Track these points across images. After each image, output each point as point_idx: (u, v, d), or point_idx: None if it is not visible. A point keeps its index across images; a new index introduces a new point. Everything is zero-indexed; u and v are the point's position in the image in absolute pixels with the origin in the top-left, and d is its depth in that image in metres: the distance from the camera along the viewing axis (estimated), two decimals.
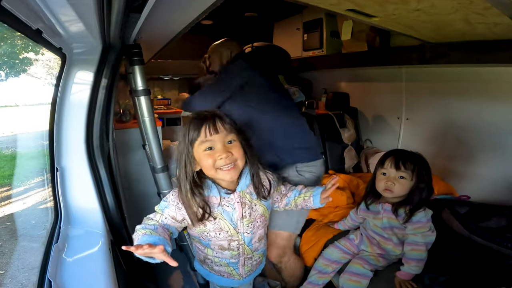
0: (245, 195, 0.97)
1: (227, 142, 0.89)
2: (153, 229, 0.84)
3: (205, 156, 0.88)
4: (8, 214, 1.60)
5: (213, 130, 0.87)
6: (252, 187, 0.98)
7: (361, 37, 2.09)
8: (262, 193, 0.98)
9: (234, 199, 0.95)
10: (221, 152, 0.87)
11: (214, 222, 0.94)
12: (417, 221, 1.13)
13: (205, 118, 0.89)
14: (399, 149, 1.23)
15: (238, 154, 0.90)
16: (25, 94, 1.66)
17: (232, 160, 0.88)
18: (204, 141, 0.87)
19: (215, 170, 0.88)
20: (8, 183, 1.69)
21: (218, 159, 0.87)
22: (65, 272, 0.80)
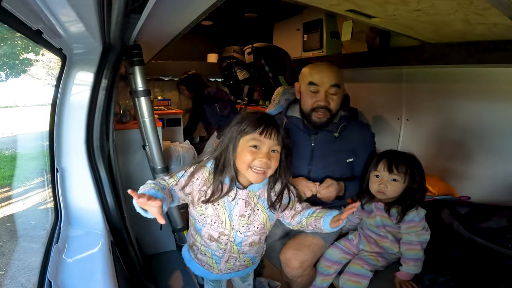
0: (253, 195, 0.99)
1: (271, 150, 0.93)
2: (162, 187, 0.89)
3: (248, 151, 0.91)
4: (8, 215, 1.60)
5: (269, 134, 0.91)
6: (265, 192, 1.00)
7: (361, 38, 2.10)
8: (275, 204, 1.00)
9: (241, 195, 0.97)
10: (264, 156, 0.91)
11: (216, 208, 0.97)
12: (410, 220, 1.15)
13: (268, 121, 0.93)
14: (392, 151, 1.24)
15: (274, 165, 0.94)
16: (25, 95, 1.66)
17: (267, 166, 0.92)
18: (257, 139, 0.91)
19: (247, 167, 0.92)
20: (8, 184, 1.69)
21: (258, 160, 0.91)
22: (65, 273, 0.80)
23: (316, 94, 1.26)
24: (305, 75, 1.30)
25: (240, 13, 2.81)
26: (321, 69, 1.27)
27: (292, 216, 1.08)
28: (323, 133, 1.33)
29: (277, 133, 0.93)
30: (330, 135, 1.32)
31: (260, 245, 1.09)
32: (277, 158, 0.95)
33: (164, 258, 1.87)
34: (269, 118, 0.96)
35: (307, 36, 2.64)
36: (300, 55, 2.77)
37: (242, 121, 0.94)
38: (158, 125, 1.71)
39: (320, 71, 1.26)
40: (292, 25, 2.86)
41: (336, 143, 1.32)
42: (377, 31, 1.96)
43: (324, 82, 1.24)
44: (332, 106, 1.26)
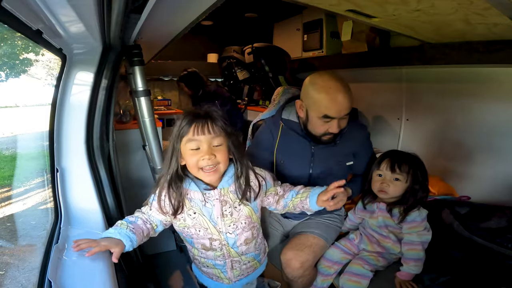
0: (227, 193, 0.96)
1: (213, 145, 0.89)
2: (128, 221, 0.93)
3: (190, 155, 0.90)
4: (8, 215, 1.60)
5: (201, 130, 0.88)
6: (235, 186, 0.96)
7: (361, 38, 2.09)
8: (246, 195, 0.96)
9: (214, 195, 0.94)
10: (205, 154, 0.88)
11: (193, 217, 0.95)
12: (411, 220, 1.15)
13: (198, 117, 0.90)
14: (395, 151, 1.25)
15: (222, 158, 0.90)
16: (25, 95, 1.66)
17: (214, 162, 0.89)
18: (192, 139, 0.89)
19: (197, 169, 0.90)
20: (8, 184, 1.69)
21: (201, 160, 0.88)
22: (65, 273, 0.80)
23: (329, 123, 1.19)
24: (317, 104, 1.17)
25: (240, 13, 2.81)
26: (337, 100, 1.15)
27: (277, 201, 1.06)
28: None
29: (213, 125, 0.89)
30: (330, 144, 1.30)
31: (256, 240, 1.06)
32: (223, 150, 0.91)
33: (164, 258, 1.87)
34: (199, 112, 0.91)
35: (307, 36, 2.64)
36: (300, 55, 2.77)
37: (177, 126, 0.91)
38: (158, 125, 1.71)
39: (337, 104, 1.16)
40: (292, 25, 2.85)
41: (336, 148, 1.31)
42: (377, 31, 1.96)
43: (338, 114, 1.17)
44: (343, 126, 1.22)
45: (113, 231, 0.87)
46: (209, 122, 0.89)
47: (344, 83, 1.20)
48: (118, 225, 0.90)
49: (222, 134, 0.91)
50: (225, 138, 0.92)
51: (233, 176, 0.96)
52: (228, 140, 0.93)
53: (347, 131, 1.30)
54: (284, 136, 1.32)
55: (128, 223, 0.91)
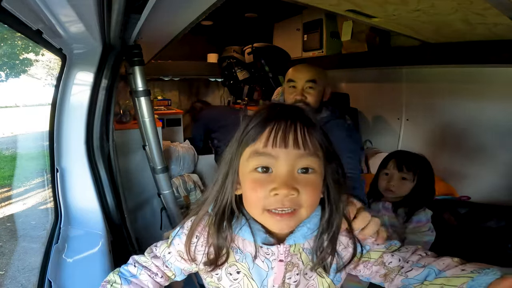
0: (299, 251, 0.57)
1: (298, 170, 0.50)
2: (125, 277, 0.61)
3: (252, 181, 0.51)
4: (8, 215, 1.60)
5: (283, 139, 0.49)
6: (315, 244, 0.56)
7: (361, 38, 2.09)
8: (326, 260, 0.56)
9: (276, 253, 0.56)
10: (280, 185, 0.49)
11: (235, 277, 0.58)
12: (417, 221, 1.15)
13: (279, 116, 0.51)
14: (403, 151, 1.26)
15: (309, 199, 0.50)
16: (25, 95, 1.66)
17: (293, 204, 0.50)
18: (261, 153, 0.50)
19: (261, 211, 0.51)
20: (8, 184, 1.69)
21: (271, 194, 0.49)
22: (65, 273, 0.80)
23: (294, 89, 1.34)
24: (287, 75, 1.39)
25: (240, 13, 2.81)
26: (299, 67, 1.37)
27: (385, 275, 0.59)
28: None
29: (305, 133, 0.50)
30: None
31: None
32: (315, 183, 0.51)
33: None
34: (284, 108, 0.54)
35: (307, 36, 2.64)
36: (300, 55, 2.77)
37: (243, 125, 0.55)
38: (158, 125, 1.71)
39: (297, 69, 1.36)
40: (292, 25, 2.85)
41: None
42: (377, 31, 1.96)
43: (300, 78, 1.33)
44: (310, 100, 1.32)
45: None
46: (300, 127, 0.51)
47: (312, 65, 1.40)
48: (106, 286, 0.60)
49: (319, 153, 0.52)
50: (321, 162, 0.53)
51: (317, 230, 0.56)
52: (327, 166, 0.54)
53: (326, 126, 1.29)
54: None
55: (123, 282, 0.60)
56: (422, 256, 0.58)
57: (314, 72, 1.33)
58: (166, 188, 1.43)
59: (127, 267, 0.63)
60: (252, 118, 0.54)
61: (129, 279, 0.61)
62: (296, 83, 1.34)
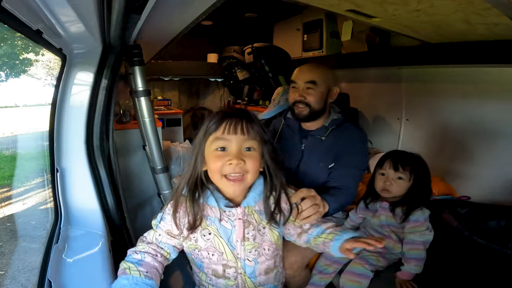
0: (252, 212, 0.81)
1: (244, 148, 0.75)
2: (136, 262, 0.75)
3: (214, 156, 0.75)
4: (8, 215, 1.60)
5: (233, 129, 0.74)
6: (263, 205, 0.82)
7: (361, 38, 2.10)
8: (275, 217, 0.81)
9: (236, 214, 0.79)
10: (233, 157, 0.73)
11: (208, 238, 0.79)
12: (414, 220, 1.15)
13: (231, 114, 0.76)
14: (399, 150, 1.26)
15: (251, 166, 0.75)
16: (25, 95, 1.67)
17: (242, 170, 0.74)
18: (220, 138, 0.75)
19: (220, 176, 0.75)
20: (8, 184, 1.69)
21: (227, 164, 0.73)
22: (65, 273, 0.80)
23: (295, 90, 1.36)
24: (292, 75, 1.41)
25: (240, 13, 2.81)
26: (301, 68, 1.38)
27: (298, 234, 0.90)
28: (312, 137, 1.37)
29: (248, 125, 0.75)
30: (317, 139, 1.36)
31: (278, 270, 0.89)
32: (255, 157, 0.76)
33: None
34: (235, 110, 0.79)
35: (307, 36, 2.64)
36: (300, 55, 2.77)
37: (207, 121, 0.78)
38: (158, 125, 1.71)
39: (299, 71, 1.38)
40: (292, 25, 2.85)
41: (322, 147, 1.34)
42: (377, 31, 1.96)
43: (300, 78, 1.35)
44: (310, 100, 1.32)
45: (126, 281, 0.71)
46: (244, 121, 0.75)
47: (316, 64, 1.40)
48: (126, 271, 0.73)
49: (257, 138, 0.76)
50: (259, 144, 0.77)
51: (262, 194, 0.81)
52: (263, 147, 0.78)
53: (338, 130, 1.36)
54: (283, 132, 1.45)
55: (136, 265, 0.74)
56: (317, 220, 0.90)
57: (315, 73, 1.33)
58: (166, 188, 1.43)
59: (132, 256, 0.77)
60: (213, 116, 0.78)
61: (139, 263, 0.75)
62: (296, 84, 1.35)
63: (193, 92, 4.05)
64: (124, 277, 0.71)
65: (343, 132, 1.35)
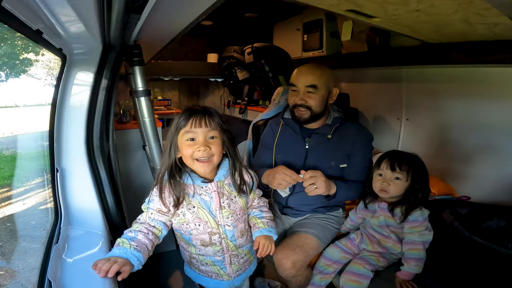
0: (223, 185, 1.00)
1: (209, 137, 0.94)
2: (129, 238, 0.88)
3: (186, 146, 0.94)
4: (8, 215, 1.60)
5: (199, 123, 0.93)
6: (231, 179, 1.02)
7: (361, 38, 2.09)
8: (242, 187, 1.02)
9: (211, 188, 0.98)
10: (200, 145, 0.92)
11: (193, 211, 0.97)
12: (413, 220, 1.15)
13: (196, 112, 0.95)
14: (396, 151, 1.26)
15: (216, 150, 0.94)
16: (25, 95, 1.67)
17: (209, 154, 0.93)
18: (189, 131, 0.93)
19: (192, 161, 0.94)
20: (8, 184, 1.69)
21: (197, 151, 0.92)
22: (65, 273, 0.80)
23: (296, 93, 1.35)
24: (291, 77, 1.39)
25: (240, 13, 2.81)
26: (301, 70, 1.36)
27: (249, 207, 1.10)
28: (317, 136, 1.37)
29: (210, 119, 0.94)
30: (323, 137, 1.36)
31: (248, 232, 1.09)
32: (218, 143, 0.95)
33: (164, 258, 1.87)
34: (198, 108, 0.97)
35: (307, 36, 2.64)
36: (300, 55, 2.77)
37: (175, 121, 0.96)
38: (158, 125, 1.71)
39: (299, 73, 1.36)
40: (292, 25, 2.85)
41: (330, 145, 1.34)
42: (377, 31, 1.96)
43: (300, 82, 1.33)
44: (311, 104, 1.32)
45: (118, 251, 0.83)
46: (207, 117, 0.94)
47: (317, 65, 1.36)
48: (119, 244, 0.86)
49: (218, 128, 0.96)
50: (220, 133, 0.96)
51: (228, 170, 1.01)
52: (223, 135, 0.97)
53: (343, 128, 1.35)
54: (283, 132, 1.43)
55: (129, 240, 0.87)
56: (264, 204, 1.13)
57: (316, 76, 1.32)
58: None
59: (126, 234, 0.90)
60: (182, 114, 0.96)
61: (132, 239, 0.88)
62: (297, 87, 1.34)
63: (193, 92, 4.06)
64: (117, 248, 0.84)
65: (349, 131, 1.36)
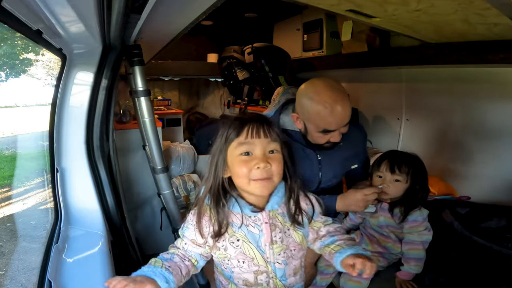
0: (276, 216, 0.80)
1: (268, 151, 0.75)
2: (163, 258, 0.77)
3: (239, 162, 0.74)
4: (8, 215, 1.60)
5: (256, 132, 0.74)
6: (285, 208, 0.82)
7: (361, 38, 2.09)
8: (297, 218, 0.81)
9: (261, 219, 0.79)
10: (259, 161, 0.73)
11: (237, 244, 0.78)
12: (413, 220, 1.15)
13: (250, 120, 0.76)
14: (395, 151, 1.26)
15: (277, 169, 0.75)
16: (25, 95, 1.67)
17: (269, 174, 0.74)
18: (243, 143, 0.74)
19: (248, 181, 0.74)
20: (8, 184, 1.69)
21: (254, 168, 0.73)
22: (65, 273, 0.80)
23: (330, 134, 1.17)
24: (315, 119, 1.13)
25: (240, 13, 2.81)
26: (335, 113, 1.10)
27: (314, 239, 0.88)
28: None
29: (269, 128, 0.76)
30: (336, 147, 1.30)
31: (302, 269, 0.89)
32: (279, 159, 0.76)
33: None
34: (252, 115, 0.80)
35: (307, 36, 2.64)
36: (300, 55, 2.77)
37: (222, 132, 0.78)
38: (158, 125, 1.71)
39: (335, 117, 1.11)
40: (292, 25, 2.85)
41: (341, 151, 1.32)
42: (377, 31, 1.96)
43: (340, 125, 1.15)
44: (344, 132, 1.20)
45: (147, 269, 0.73)
46: (265, 125, 0.76)
47: (339, 91, 1.13)
48: (151, 263, 0.76)
49: (278, 140, 0.77)
50: (280, 146, 0.78)
51: (283, 197, 0.81)
52: (283, 149, 0.78)
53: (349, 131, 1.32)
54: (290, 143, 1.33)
55: (163, 260, 0.76)
56: (336, 230, 0.88)
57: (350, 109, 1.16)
58: (166, 188, 1.43)
59: (162, 255, 0.80)
60: (232, 123, 0.77)
61: (166, 259, 0.77)
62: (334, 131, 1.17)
63: (193, 92, 4.05)
64: (146, 266, 0.74)
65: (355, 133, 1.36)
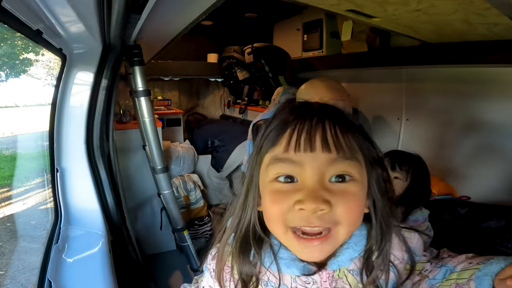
0: (344, 275, 0.46)
1: (332, 178, 0.41)
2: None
3: (272, 193, 0.42)
4: (8, 215, 1.60)
5: (307, 141, 0.40)
6: (360, 263, 0.46)
7: (361, 38, 2.09)
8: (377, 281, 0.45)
9: (318, 281, 0.45)
10: (307, 197, 0.39)
11: None
12: (413, 220, 1.15)
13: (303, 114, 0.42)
14: (397, 150, 1.25)
15: (348, 212, 0.41)
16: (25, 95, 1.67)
17: (324, 222, 0.40)
18: (281, 159, 0.41)
19: (285, 229, 0.42)
20: (8, 184, 1.69)
21: (296, 209, 0.40)
22: (65, 273, 0.80)
23: None
24: None
25: (240, 13, 2.81)
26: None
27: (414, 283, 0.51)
28: None
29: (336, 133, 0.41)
30: None
31: None
32: (354, 194, 0.41)
33: (164, 258, 1.87)
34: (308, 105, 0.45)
35: (307, 36, 2.64)
36: (300, 55, 2.77)
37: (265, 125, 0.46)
38: (158, 125, 1.71)
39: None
40: (292, 25, 2.85)
41: None
42: (377, 31, 1.96)
43: None
44: None
45: None
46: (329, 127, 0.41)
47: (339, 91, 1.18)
48: None
49: (359, 156, 0.42)
50: (363, 167, 0.43)
51: (363, 250, 0.46)
52: (370, 173, 0.44)
53: None
54: None
55: None
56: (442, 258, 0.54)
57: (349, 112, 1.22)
58: (166, 188, 1.43)
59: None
60: (273, 119, 0.44)
61: None
62: None
63: (193, 92, 4.05)
64: None
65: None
